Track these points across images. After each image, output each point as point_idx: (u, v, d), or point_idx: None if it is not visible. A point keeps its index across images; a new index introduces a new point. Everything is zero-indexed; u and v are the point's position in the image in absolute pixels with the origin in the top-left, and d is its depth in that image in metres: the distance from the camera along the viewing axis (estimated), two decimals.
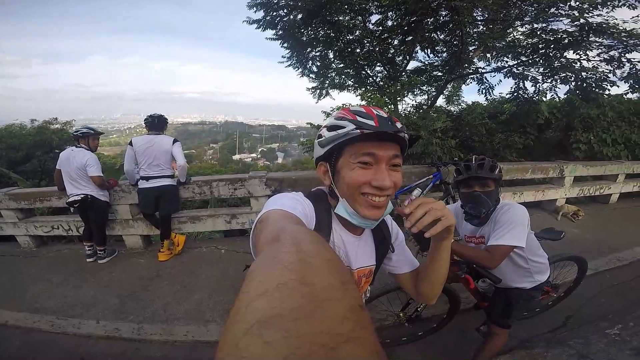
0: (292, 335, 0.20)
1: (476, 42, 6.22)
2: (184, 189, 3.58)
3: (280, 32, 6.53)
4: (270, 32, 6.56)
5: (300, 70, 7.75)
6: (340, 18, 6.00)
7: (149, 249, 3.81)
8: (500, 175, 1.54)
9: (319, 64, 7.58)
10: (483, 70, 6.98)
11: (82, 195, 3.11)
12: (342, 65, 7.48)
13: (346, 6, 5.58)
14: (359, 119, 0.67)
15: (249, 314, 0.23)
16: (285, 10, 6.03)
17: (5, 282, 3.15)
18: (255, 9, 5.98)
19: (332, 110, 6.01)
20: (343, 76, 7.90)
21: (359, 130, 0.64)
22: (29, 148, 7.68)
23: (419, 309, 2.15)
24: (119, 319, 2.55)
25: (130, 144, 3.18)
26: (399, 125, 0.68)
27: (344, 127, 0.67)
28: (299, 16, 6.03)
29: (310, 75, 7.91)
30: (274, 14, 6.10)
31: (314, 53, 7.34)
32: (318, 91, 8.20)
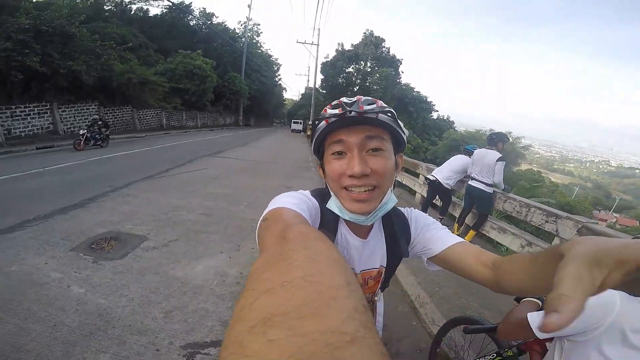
0: (297, 334, 0.20)
1: None
2: (507, 202, 4.23)
3: None
4: None
5: None
6: None
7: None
8: None
9: None
10: None
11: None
12: None
13: None
14: (329, 110, 0.65)
15: (253, 312, 0.23)
16: None
17: None
18: None
19: None
20: None
21: (324, 121, 0.64)
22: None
23: None
24: None
25: (471, 155, 4.34)
26: (370, 106, 0.62)
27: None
28: None
29: None
30: None
31: None
32: None
